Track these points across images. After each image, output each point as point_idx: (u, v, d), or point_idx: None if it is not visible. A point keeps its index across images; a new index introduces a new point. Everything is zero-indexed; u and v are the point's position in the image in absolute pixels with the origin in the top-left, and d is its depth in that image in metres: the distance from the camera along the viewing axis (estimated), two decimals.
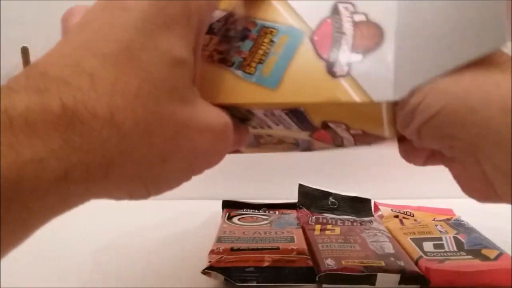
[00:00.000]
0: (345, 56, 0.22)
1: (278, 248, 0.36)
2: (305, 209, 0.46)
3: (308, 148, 0.31)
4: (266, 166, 0.56)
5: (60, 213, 0.18)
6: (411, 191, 0.56)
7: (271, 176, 0.56)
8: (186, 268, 0.36)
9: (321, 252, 0.36)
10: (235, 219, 0.44)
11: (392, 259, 0.35)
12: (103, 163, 0.17)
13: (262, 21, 0.25)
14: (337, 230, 0.41)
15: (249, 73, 0.24)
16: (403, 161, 0.59)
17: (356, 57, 0.22)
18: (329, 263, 0.34)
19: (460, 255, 0.36)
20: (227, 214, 0.45)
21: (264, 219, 0.44)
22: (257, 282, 0.33)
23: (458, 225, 0.42)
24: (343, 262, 0.34)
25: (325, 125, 0.25)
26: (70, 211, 0.18)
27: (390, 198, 0.50)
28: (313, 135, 0.27)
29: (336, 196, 0.48)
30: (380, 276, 0.33)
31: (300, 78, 0.23)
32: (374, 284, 0.33)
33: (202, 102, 0.21)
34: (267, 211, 0.47)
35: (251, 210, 0.47)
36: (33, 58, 0.49)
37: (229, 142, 0.23)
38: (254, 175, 0.56)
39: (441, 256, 0.36)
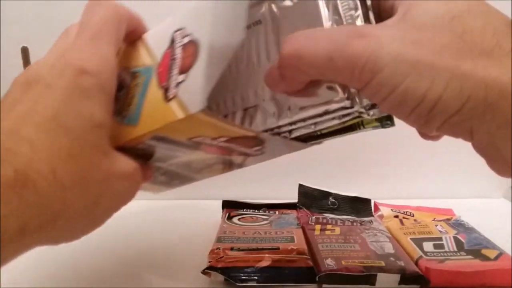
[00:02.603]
0: (174, 80, 0.25)
1: (278, 248, 0.36)
2: (305, 209, 0.46)
3: (231, 164, 0.34)
4: (266, 166, 0.56)
5: (12, 259, 0.21)
6: (411, 191, 0.56)
7: (271, 176, 0.56)
8: (186, 268, 0.36)
9: (321, 252, 0.36)
10: (235, 219, 0.44)
11: (392, 259, 0.35)
12: (52, 214, 0.21)
13: (133, 68, 0.28)
14: (337, 230, 0.41)
15: (123, 116, 0.27)
16: (403, 161, 0.59)
17: (181, 78, 0.24)
18: (329, 263, 0.34)
19: (460, 255, 0.36)
20: (227, 214, 0.45)
21: (264, 219, 0.44)
22: (257, 282, 0.33)
23: (458, 225, 0.42)
24: (343, 262, 0.34)
25: (198, 143, 0.28)
26: None
27: (390, 198, 0.50)
28: (206, 150, 0.30)
29: (336, 196, 0.48)
30: (380, 276, 0.33)
31: (148, 109, 0.26)
32: (374, 284, 0.33)
33: (116, 153, 0.25)
34: (267, 211, 0.47)
35: (251, 210, 0.47)
36: (33, 58, 0.49)
37: (140, 183, 0.27)
38: (254, 175, 0.56)
39: (441, 256, 0.36)
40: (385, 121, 0.27)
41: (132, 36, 0.29)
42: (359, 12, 0.25)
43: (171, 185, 0.40)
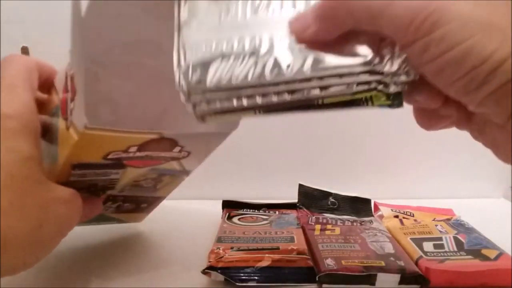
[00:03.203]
0: (69, 108, 0.27)
1: (278, 248, 0.36)
2: (305, 209, 0.46)
3: (176, 173, 0.36)
4: (266, 166, 0.56)
5: None
6: (411, 191, 0.56)
7: (271, 176, 0.56)
8: (186, 268, 0.36)
9: (321, 252, 0.36)
10: (235, 219, 0.44)
11: (392, 259, 0.35)
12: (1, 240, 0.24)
13: (51, 111, 0.30)
14: (337, 230, 0.41)
15: (50, 157, 0.29)
16: (403, 161, 0.59)
17: (72, 105, 0.27)
18: (329, 263, 0.34)
19: (460, 255, 0.36)
20: (227, 214, 0.45)
21: (264, 219, 0.44)
22: (257, 282, 0.33)
23: (458, 225, 0.42)
24: (343, 262, 0.34)
25: (117, 159, 0.29)
26: None
27: (390, 198, 0.50)
28: (133, 164, 0.31)
29: (336, 196, 0.48)
30: (380, 276, 0.33)
31: (61, 143, 0.29)
32: (374, 284, 0.33)
33: (52, 183, 0.27)
34: (267, 211, 0.47)
35: (251, 210, 0.47)
36: None
37: (80, 207, 0.29)
38: (254, 175, 0.56)
39: (441, 256, 0.36)
40: (396, 99, 0.24)
41: (47, 84, 0.32)
42: None
43: (141, 209, 0.41)
